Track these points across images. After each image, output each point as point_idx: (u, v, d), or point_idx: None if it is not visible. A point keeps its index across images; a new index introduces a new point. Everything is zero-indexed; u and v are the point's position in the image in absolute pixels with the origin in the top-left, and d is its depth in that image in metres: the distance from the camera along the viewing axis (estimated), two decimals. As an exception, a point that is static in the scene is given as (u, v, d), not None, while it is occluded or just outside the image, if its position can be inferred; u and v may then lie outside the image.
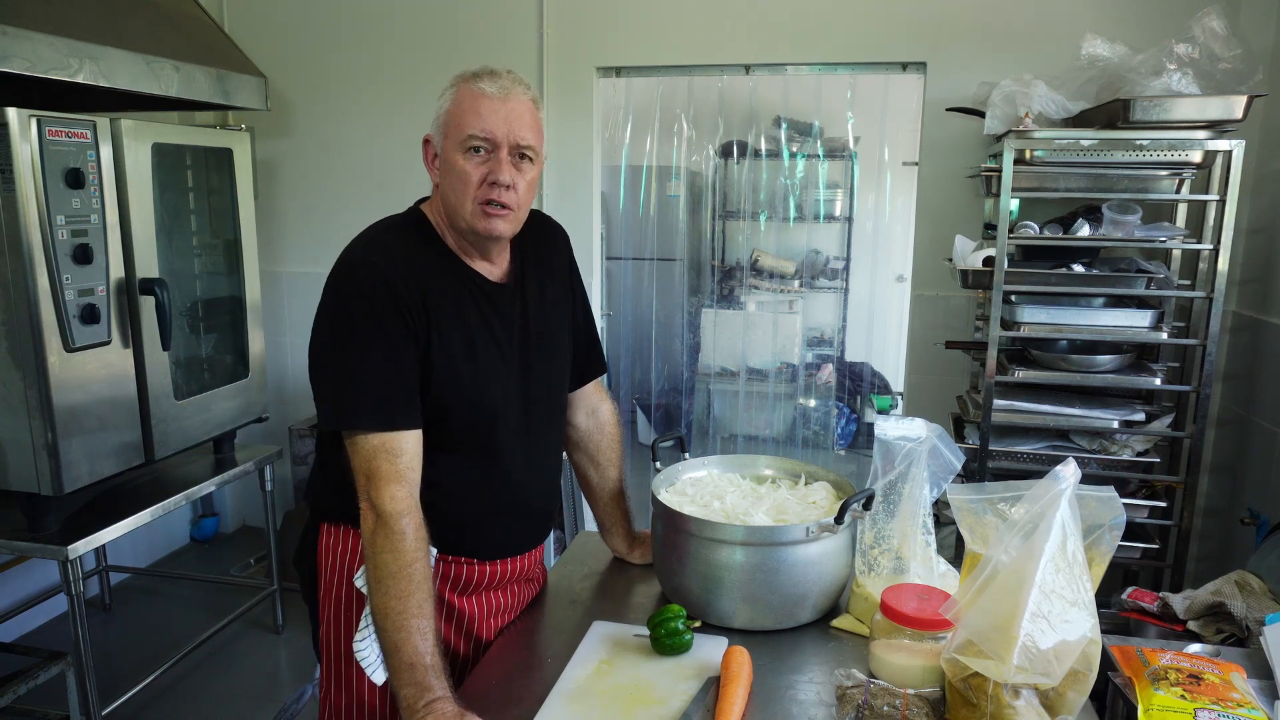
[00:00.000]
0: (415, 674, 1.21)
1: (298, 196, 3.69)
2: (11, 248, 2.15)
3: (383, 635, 1.25)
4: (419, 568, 1.27)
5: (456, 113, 1.34)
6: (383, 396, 1.30)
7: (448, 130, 1.34)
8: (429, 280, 1.35)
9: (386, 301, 1.30)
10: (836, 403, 5.18)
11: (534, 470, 1.50)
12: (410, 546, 1.27)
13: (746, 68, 3.28)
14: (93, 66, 2.33)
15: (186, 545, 3.94)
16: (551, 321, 1.53)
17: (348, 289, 1.33)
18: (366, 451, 1.29)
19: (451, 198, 1.36)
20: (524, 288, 1.48)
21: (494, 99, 1.32)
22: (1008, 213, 2.45)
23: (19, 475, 2.27)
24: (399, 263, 1.33)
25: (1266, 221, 2.71)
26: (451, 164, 1.34)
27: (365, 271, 1.32)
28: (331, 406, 1.33)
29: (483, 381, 1.39)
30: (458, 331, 1.36)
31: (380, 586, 1.26)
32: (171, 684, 2.86)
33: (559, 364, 1.56)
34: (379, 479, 1.28)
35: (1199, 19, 2.34)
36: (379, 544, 1.26)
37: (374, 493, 1.28)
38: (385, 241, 1.38)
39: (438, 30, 3.41)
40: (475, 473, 1.42)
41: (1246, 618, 1.60)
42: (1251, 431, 2.74)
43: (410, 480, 1.31)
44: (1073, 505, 1.12)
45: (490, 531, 1.47)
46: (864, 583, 1.48)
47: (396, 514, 1.27)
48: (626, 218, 4.91)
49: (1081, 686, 1.12)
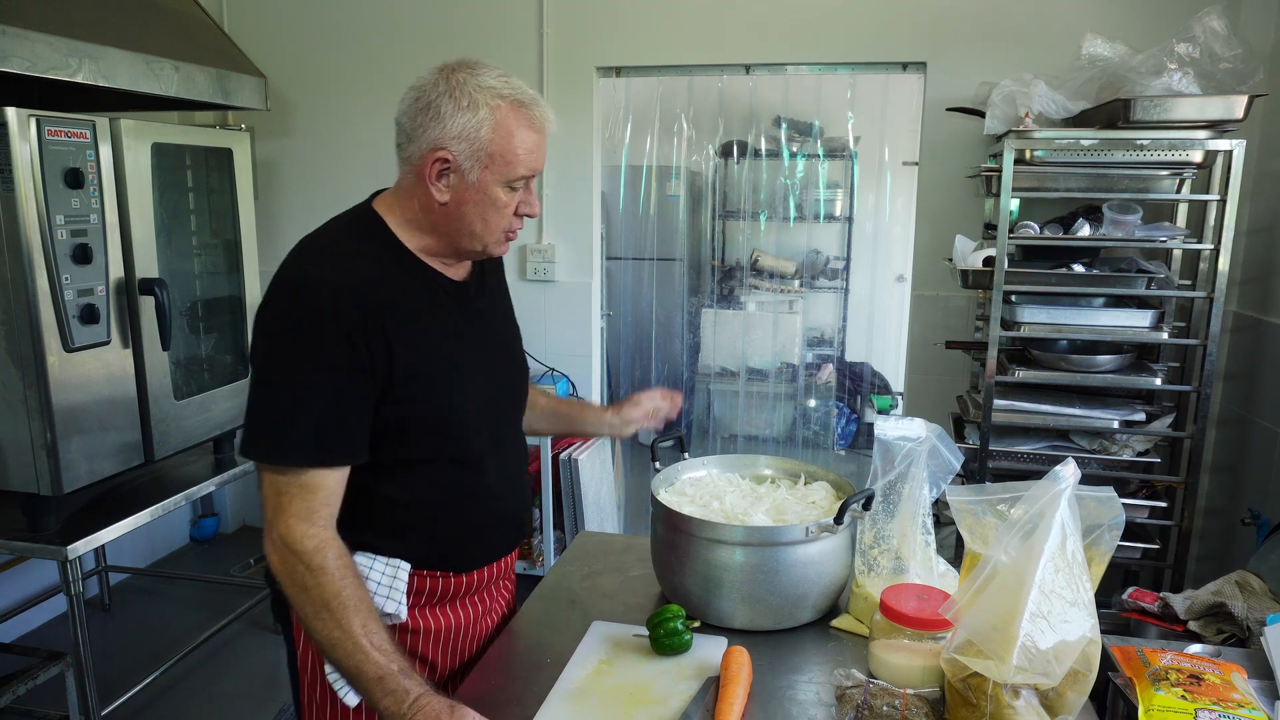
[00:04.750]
0: (387, 684, 1.15)
1: (298, 196, 3.69)
2: (11, 248, 2.15)
3: (339, 666, 1.19)
4: (350, 588, 1.19)
5: (507, 147, 1.24)
6: (318, 432, 1.20)
7: (491, 161, 1.24)
8: (391, 295, 1.26)
9: (335, 329, 1.19)
10: (836, 403, 5.18)
11: (508, 477, 1.45)
12: (336, 575, 1.19)
13: (746, 68, 3.28)
14: (92, 66, 2.33)
15: (186, 545, 3.95)
16: (508, 319, 1.52)
17: (294, 311, 1.22)
18: (280, 484, 1.20)
19: (474, 225, 1.29)
20: (483, 284, 1.45)
21: (540, 133, 1.27)
22: (1008, 213, 2.45)
23: (19, 475, 2.27)
24: (356, 279, 1.23)
25: (1267, 221, 2.71)
26: (490, 197, 1.26)
27: (314, 293, 1.21)
28: (255, 435, 1.23)
29: (456, 389, 1.33)
30: (426, 342, 1.29)
31: (317, 620, 1.18)
32: (171, 684, 2.86)
33: (520, 364, 1.54)
34: (289, 515, 1.20)
35: (1199, 19, 2.34)
36: (303, 581, 1.18)
37: (284, 528, 1.19)
38: (340, 253, 1.27)
39: (438, 30, 3.41)
40: (452, 487, 1.36)
41: (1247, 618, 1.60)
42: (1252, 431, 2.74)
43: (325, 515, 1.22)
44: (1072, 505, 1.11)
45: (468, 544, 1.42)
46: (863, 583, 1.48)
47: (311, 550, 1.18)
48: (626, 218, 4.91)
49: (1081, 687, 1.12)
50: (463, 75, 1.26)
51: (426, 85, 1.26)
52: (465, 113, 1.23)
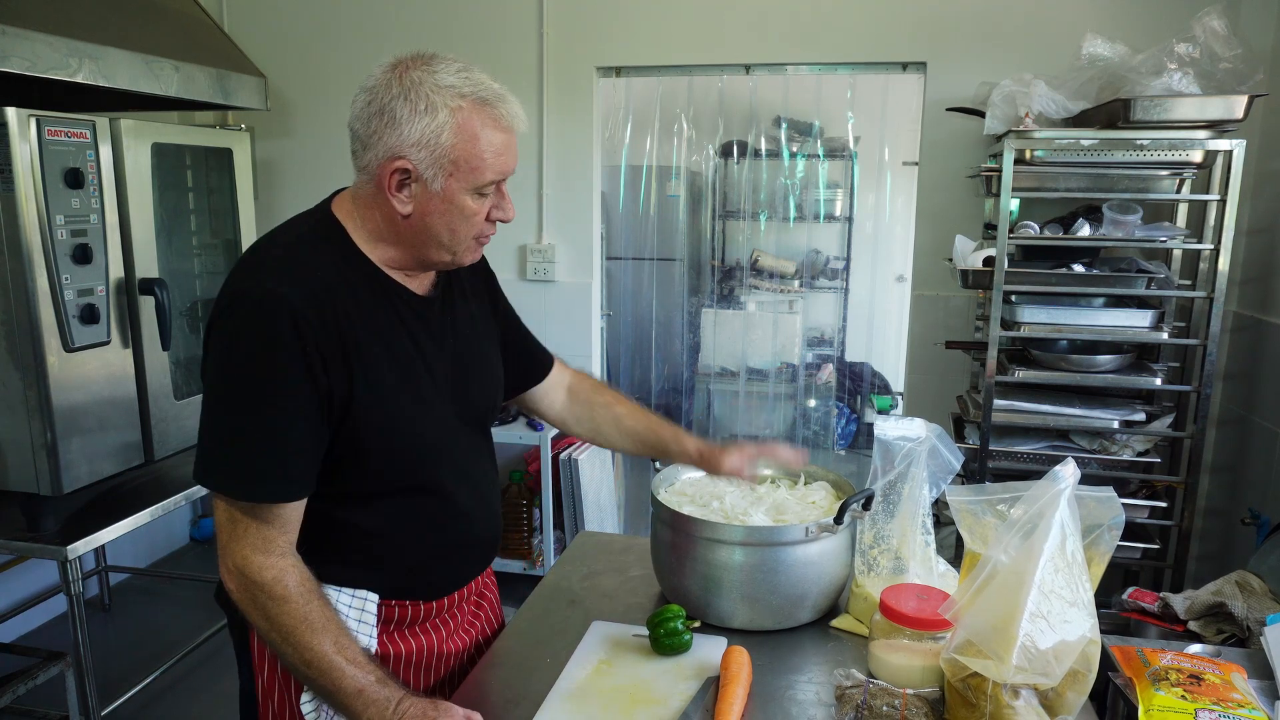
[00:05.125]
0: (367, 695, 1.12)
1: (298, 196, 3.69)
2: (11, 248, 2.15)
3: (314, 686, 1.15)
4: (315, 610, 1.14)
5: (471, 151, 1.13)
6: (281, 466, 1.14)
7: (456, 168, 1.13)
8: (351, 312, 1.16)
9: (292, 350, 1.10)
10: (836, 403, 5.18)
11: (479, 498, 1.37)
12: (300, 600, 1.14)
13: (746, 68, 3.28)
14: (92, 66, 2.33)
15: (186, 545, 3.94)
16: (479, 338, 1.39)
17: (250, 331, 1.12)
18: (235, 515, 1.14)
19: (440, 236, 1.18)
20: (451, 300, 1.34)
21: (509, 133, 1.16)
22: (1008, 213, 2.45)
23: (18, 475, 2.27)
24: (316, 294, 1.13)
25: (1267, 221, 2.71)
26: (457, 206, 1.16)
27: (272, 311, 1.10)
28: (213, 464, 1.16)
29: (419, 411, 1.24)
30: (386, 363, 1.20)
31: (286, 646, 1.13)
32: (171, 684, 2.86)
33: (490, 382, 1.42)
34: (245, 546, 1.14)
35: (1199, 19, 2.34)
36: (266, 610, 1.13)
37: (240, 560, 1.14)
38: (296, 264, 1.16)
39: (438, 30, 3.41)
40: (419, 514, 1.28)
41: (1247, 618, 1.60)
42: (1252, 431, 2.74)
43: (283, 544, 1.16)
44: (1072, 505, 1.11)
45: (437, 571, 1.35)
46: (863, 583, 1.48)
47: (271, 581, 1.13)
48: (626, 218, 4.91)
49: (1081, 687, 1.12)
50: (418, 74, 1.13)
51: (379, 86, 1.14)
52: (423, 117, 1.11)
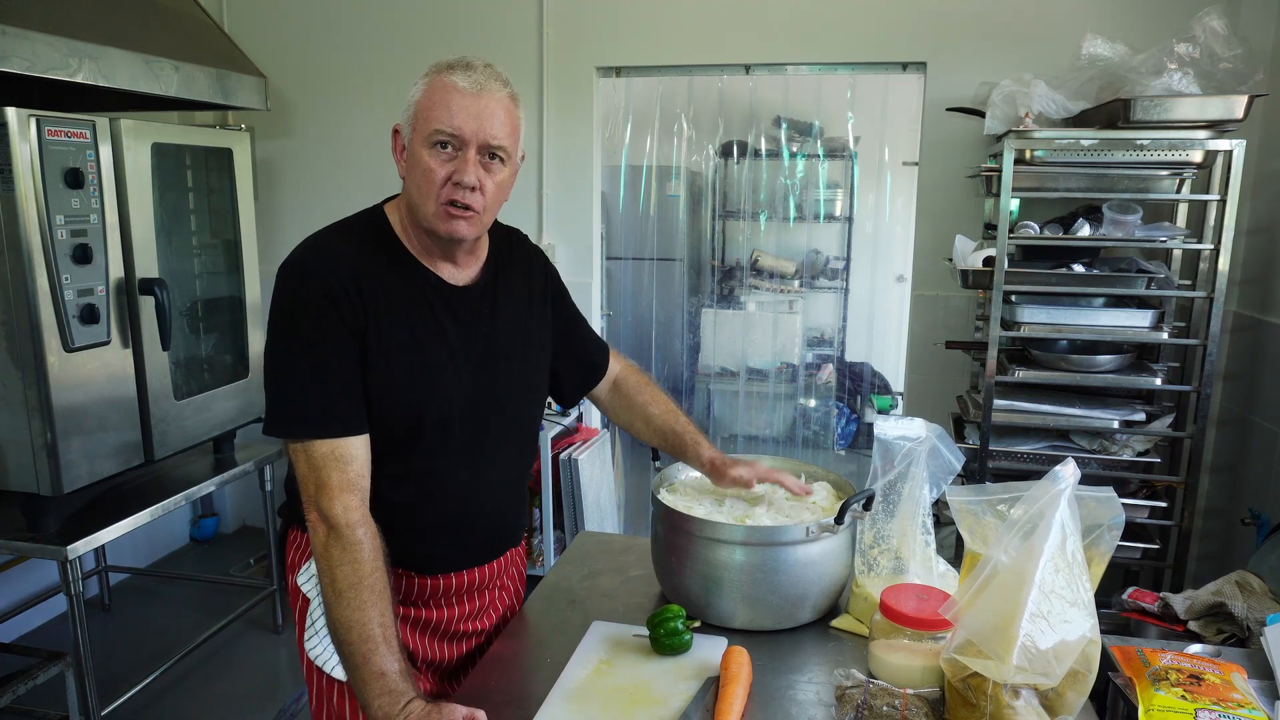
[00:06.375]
0: (388, 681, 1.17)
1: (298, 196, 3.69)
2: (11, 248, 2.15)
3: (346, 648, 1.21)
4: (378, 577, 1.23)
5: (426, 105, 1.27)
6: (328, 402, 1.25)
7: (416, 122, 1.28)
8: (370, 280, 1.30)
9: (323, 303, 1.26)
10: (836, 403, 5.18)
11: (482, 484, 1.42)
12: (368, 557, 1.22)
13: (746, 68, 3.28)
14: (92, 66, 2.33)
15: (186, 545, 3.94)
16: (523, 335, 1.46)
17: (285, 295, 1.29)
18: (315, 460, 1.24)
19: (415, 195, 1.30)
20: (495, 295, 1.41)
21: (466, 94, 1.25)
22: (1008, 213, 2.45)
23: (18, 475, 2.27)
24: (336, 263, 1.29)
25: (1267, 221, 2.71)
26: (417, 159, 1.28)
27: (300, 276, 1.29)
28: (277, 414, 1.28)
29: (425, 381, 1.32)
30: (401, 331, 1.31)
31: (340, 600, 1.21)
32: (171, 684, 2.86)
33: (527, 377, 1.48)
34: (329, 489, 1.23)
35: (1199, 19, 2.34)
36: (335, 556, 1.22)
37: (325, 503, 1.23)
38: (327, 244, 1.33)
39: (438, 30, 3.41)
40: (410, 482, 1.35)
41: (1247, 618, 1.60)
42: (1252, 431, 2.74)
43: (362, 488, 1.26)
44: (1072, 505, 1.11)
45: (431, 545, 1.41)
46: (863, 583, 1.48)
47: (351, 524, 1.22)
48: (626, 218, 4.90)
49: (1081, 687, 1.12)
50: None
51: None
52: (414, 87, 1.30)
